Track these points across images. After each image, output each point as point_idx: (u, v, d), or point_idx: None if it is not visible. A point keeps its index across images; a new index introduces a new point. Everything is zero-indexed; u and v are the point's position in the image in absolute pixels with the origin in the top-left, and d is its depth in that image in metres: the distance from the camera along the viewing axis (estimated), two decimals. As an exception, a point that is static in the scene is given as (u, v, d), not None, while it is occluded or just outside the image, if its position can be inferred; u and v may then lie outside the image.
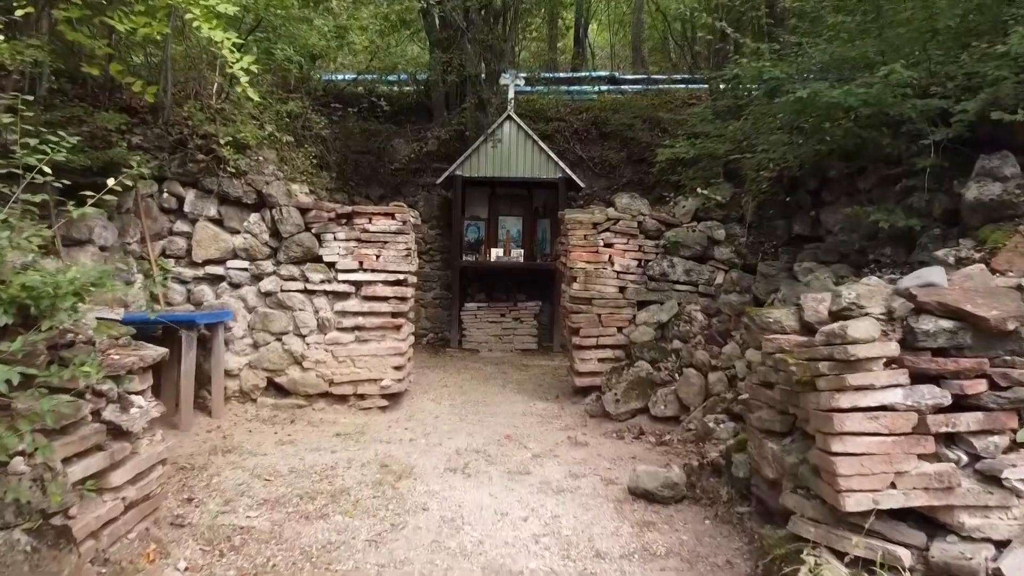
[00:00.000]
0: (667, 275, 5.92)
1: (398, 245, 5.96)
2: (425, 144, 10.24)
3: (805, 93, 4.48)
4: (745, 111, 7.01)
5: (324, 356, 5.91)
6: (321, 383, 5.90)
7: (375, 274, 5.94)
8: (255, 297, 5.96)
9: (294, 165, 7.43)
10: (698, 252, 5.96)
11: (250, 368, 5.93)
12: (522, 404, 6.32)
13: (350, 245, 5.93)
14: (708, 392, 5.16)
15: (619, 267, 5.97)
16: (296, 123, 8.14)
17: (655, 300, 5.94)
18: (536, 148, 9.66)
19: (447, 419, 5.81)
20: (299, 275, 5.93)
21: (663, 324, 5.78)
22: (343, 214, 5.97)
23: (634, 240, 6.01)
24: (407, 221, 6.01)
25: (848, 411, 2.56)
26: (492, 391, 6.87)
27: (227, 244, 5.92)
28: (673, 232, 5.95)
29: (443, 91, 10.52)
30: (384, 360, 5.93)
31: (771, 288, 5.51)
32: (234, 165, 5.83)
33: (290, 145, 7.73)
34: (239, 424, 5.55)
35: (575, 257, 5.96)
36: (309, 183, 7.42)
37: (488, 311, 9.92)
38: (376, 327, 5.94)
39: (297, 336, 5.93)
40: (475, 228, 10.38)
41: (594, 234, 5.97)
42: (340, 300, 5.96)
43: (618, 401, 5.48)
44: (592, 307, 5.94)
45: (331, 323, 5.92)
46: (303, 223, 5.91)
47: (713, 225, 5.99)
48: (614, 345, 5.95)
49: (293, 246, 5.88)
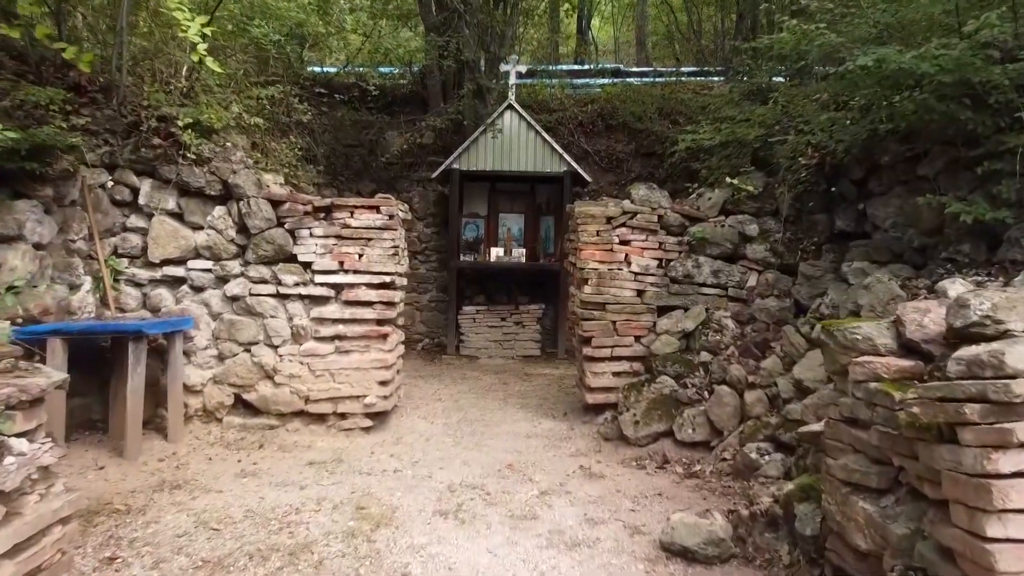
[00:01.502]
0: (692, 277, 5.08)
1: (384, 242, 5.12)
2: (420, 136, 9.39)
3: (870, 60, 3.65)
4: (775, 92, 6.18)
5: (299, 369, 5.07)
6: (296, 400, 5.06)
7: (357, 276, 5.11)
8: (220, 302, 5.12)
9: (275, 156, 6.62)
10: (727, 250, 5.12)
11: (215, 383, 5.10)
12: (526, 423, 5.48)
13: (329, 242, 5.10)
14: (745, 414, 4.32)
15: (637, 267, 5.13)
16: (277, 109, 7.32)
17: (678, 305, 5.10)
18: (539, 140, 8.82)
19: (440, 442, 4.96)
20: (270, 277, 5.09)
21: (688, 333, 4.94)
22: (321, 207, 5.13)
23: (654, 237, 5.17)
24: (394, 215, 5.18)
25: (1011, 477, 1.72)
26: (492, 406, 6.03)
27: (188, 241, 5.08)
28: (699, 228, 5.11)
29: (440, 79, 9.68)
30: (368, 374, 5.09)
31: (815, 292, 4.67)
32: (196, 151, 4.99)
33: (269, 133, 6.92)
34: (198, 449, 4.71)
35: (586, 256, 5.12)
36: (292, 176, 6.59)
37: (488, 315, 9.08)
38: (359, 336, 5.10)
39: (268, 346, 5.10)
40: (474, 226, 9.53)
41: (608, 230, 5.13)
42: (317, 305, 5.12)
43: (638, 423, 4.64)
44: (606, 313, 5.10)
45: (307, 332, 5.08)
46: (275, 217, 5.08)
47: (744, 220, 5.15)
48: (631, 357, 5.11)
49: (263, 244, 5.04)
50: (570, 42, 16.69)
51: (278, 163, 6.56)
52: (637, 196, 5.23)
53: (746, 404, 4.30)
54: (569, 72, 12.66)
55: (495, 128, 8.57)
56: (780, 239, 5.06)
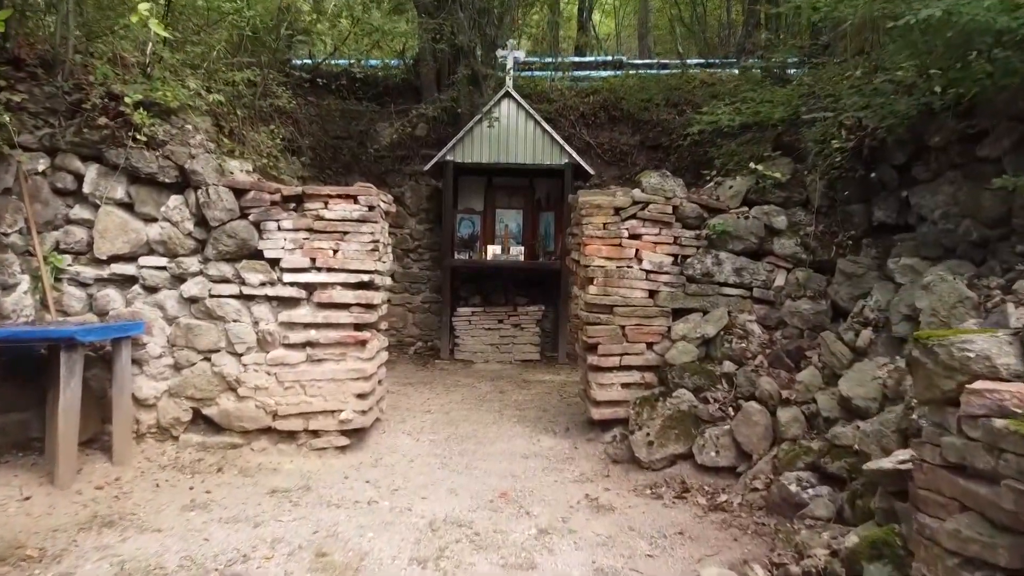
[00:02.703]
0: (711, 275, 4.41)
1: (362, 236, 4.45)
2: (412, 126, 8.71)
3: (937, 11, 2.98)
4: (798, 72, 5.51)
5: (266, 381, 4.39)
6: (262, 415, 4.39)
7: (332, 274, 4.43)
8: (176, 304, 4.45)
9: (253, 146, 5.97)
10: (752, 245, 4.44)
11: (170, 396, 4.42)
12: (524, 440, 4.80)
13: (299, 237, 4.42)
14: (778, 435, 3.65)
15: (648, 264, 4.46)
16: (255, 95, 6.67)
17: (696, 308, 4.42)
18: (539, 130, 8.14)
19: (425, 464, 4.29)
20: (233, 276, 4.42)
21: (708, 340, 4.26)
22: (290, 196, 4.46)
23: (668, 230, 4.49)
24: (375, 206, 4.50)
25: None
26: (486, 420, 5.35)
27: (139, 235, 4.41)
28: (720, 219, 4.43)
29: (434, 67, 9.00)
30: (344, 386, 4.42)
31: (857, 292, 3.99)
32: (148, 132, 4.32)
33: (249, 122, 6.28)
34: (147, 474, 4.04)
35: (592, 252, 4.45)
36: (271, 167, 5.93)
37: (484, 317, 8.41)
38: (333, 343, 4.43)
39: (231, 354, 4.42)
40: (469, 222, 8.86)
41: (616, 222, 4.46)
42: (286, 308, 4.45)
43: (651, 443, 3.97)
44: (614, 317, 4.43)
45: (275, 338, 4.40)
46: (238, 208, 4.40)
47: (771, 211, 4.47)
48: (643, 366, 4.44)
49: (224, 238, 4.36)
50: (570, 30, 16.03)
51: (256, 152, 5.91)
52: (648, 184, 4.56)
53: (779, 424, 3.62)
54: (570, 64, 12.02)
55: (492, 117, 7.89)
56: (812, 232, 4.38)
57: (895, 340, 3.44)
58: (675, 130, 8.96)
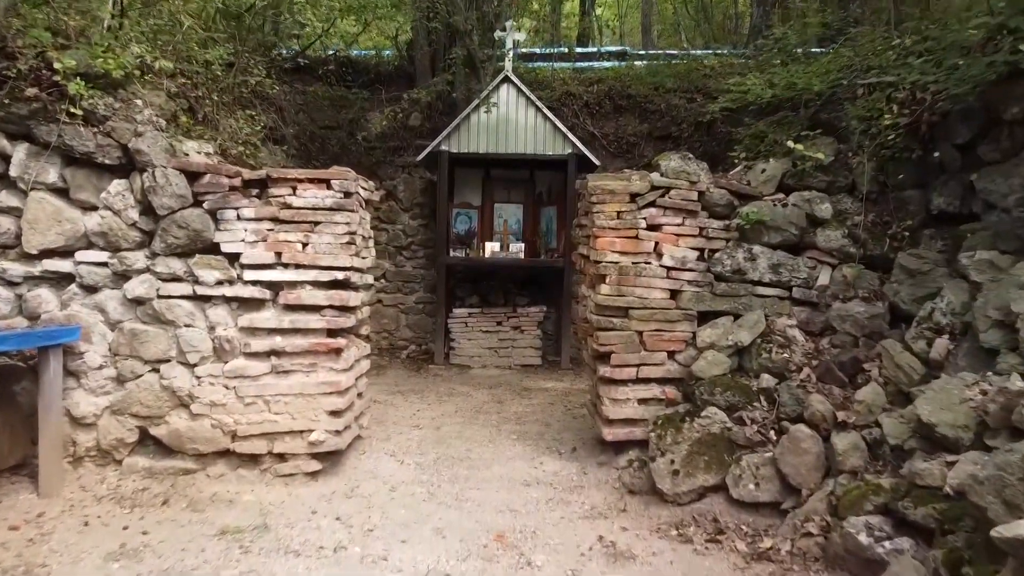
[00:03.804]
0: (743, 272, 3.72)
1: (336, 227, 3.76)
2: (403, 112, 8.00)
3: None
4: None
5: (223, 396, 3.71)
6: (219, 436, 3.71)
7: (301, 271, 3.75)
8: (119, 306, 3.76)
9: (229, 133, 5.29)
10: (791, 238, 3.75)
11: (113, 414, 3.74)
12: (524, 462, 4.11)
13: (262, 227, 3.74)
14: (833, 466, 2.96)
15: (670, 260, 3.77)
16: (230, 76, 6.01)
17: (726, 310, 3.73)
18: (540, 118, 7.45)
19: (409, 494, 3.60)
20: (185, 273, 3.73)
21: (742, 348, 3.57)
22: (253, 181, 3.77)
23: (692, 220, 3.80)
24: (351, 192, 3.81)
25: None
26: (481, 436, 4.66)
27: (76, 226, 3.72)
28: (753, 207, 3.74)
29: (428, 51, 8.32)
30: (314, 402, 3.73)
31: (923, 292, 3.30)
32: (87, 105, 3.64)
33: (226, 107, 5.60)
34: (78, 508, 3.35)
35: (604, 245, 3.76)
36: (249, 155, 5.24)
37: (481, 318, 7.71)
38: (303, 352, 3.74)
39: (183, 365, 3.73)
40: (466, 217, 8.17)
41: (633, 210, 3.77)
42: (248, 311, 3.76)
43: (677, 472, 3.28)
44: (629, 321, 3.74)
45: (234, 345, 3.72)
46: (190, 194, 3.71)
47: (813, 197, 3.78)
48: (664, 379, 3.75)
49: (174, 229, 3.68)
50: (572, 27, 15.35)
51: (231, 139, 5.22)
52: (669, 167, 3.87)
53: (835, 452, 2.93)
54: (572, 55, 11.35)
55: (490, 103, 7.20)
56: (861, 223, 3.69)
57: (983, 352, 2.76)
58: (685, 119, 8.30)
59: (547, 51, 10.95)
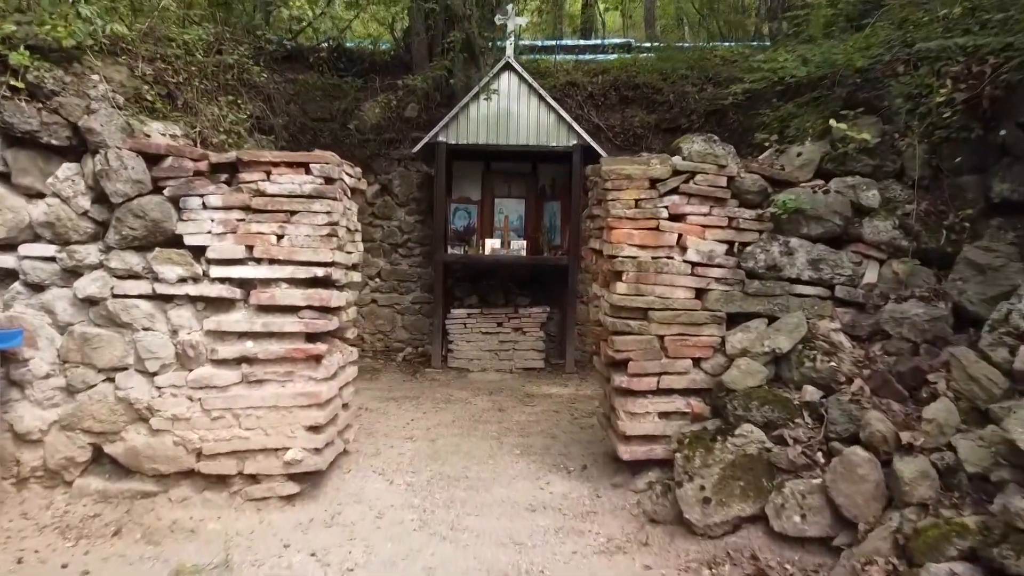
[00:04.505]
0: (779, 268, 3.24)
1: (315, 217, 3.27)
2: (398, 99, 7.51)
3: None
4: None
5: (187, 409, 3.22)
6: (182, 455, 3.22)
7: (275, 267, 3.26)
8: (69, 307, 3.28)
9: (211, 122, 4.82)
10: (834, 229, 3.26)
11: (62, 429, 3.25)
12: (529, 483, 3.62)
13: (231, 217, 3.25)
14: (897, 497, 2.48)
15: (696, 254, 3.28)
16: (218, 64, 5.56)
17: (759, 312, 3.25)
18: (544, 107, 6.96)
19: (397, 522, 3.11)
20: (143, 269, 3.25)
21: (781, 355, 3.09)
22: (221, 164, 3.29)
23: (720, 208, 3.31)
24: (333, 178, 3.33)
25: None
26: (481, 451, 4.17)
27: (19, 215, 3.23)
28: (790, 195, 3.25)
29: (425, 39, 7.83)
30: (291, 416, 3.24)
31: (995, 291, 2.81)
32: (32, 78, 3.16)
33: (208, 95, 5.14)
34: (13, 541, 2.87)
35: (620, 238, 3.27)
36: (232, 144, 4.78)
37: (481, 319, 7.22)
38: (278, 358, 3.26)
39: (141, 374, 3.25)
40: (464, 213, 7.67)
41: (653, 198, 3.28)
42: (215, 312, 3.28)
43: (707, 500, 2.79)
44: (649, 324, 3.26)
45: (199, 352, 3.23)
46: (149, 179, 3.23)
47: (858, 184, 3.29)
48: (688, 390, 3.27)
49: (130, 219, 3.19)
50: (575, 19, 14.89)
51: (213, 128, 4.75)
52: (692, 150, 3.38)
53: (901, 480, 2.45)
54: (574, 47, 10.90)
55: (490, 90, 6.71)
56: (914, 212, 3.21)
57: (1084, 362, 2.27)
58: (695, 110, 7.82)
59: (549, 43, 10.52)
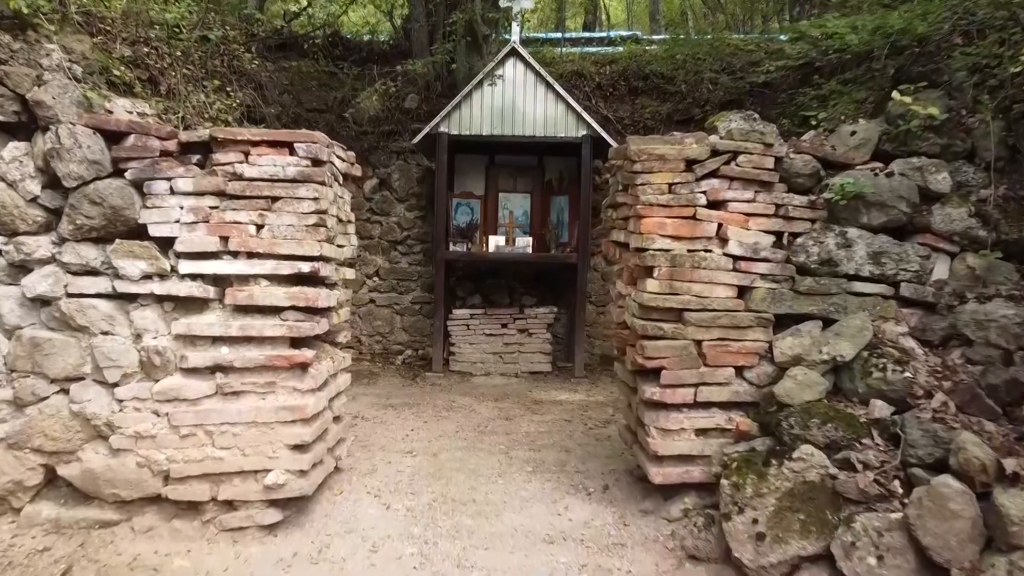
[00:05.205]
0: (835, 263, 2.78)
1: (300, 204, 2.82)
2: (396, 85, 7.05)
3: None
4: None
5: (153, 425, 2.77)
6: (147, 478, 2.76)
7: (254, 261, 2.80)
8: (17, 307, 2.82)
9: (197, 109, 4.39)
10: (899, 218, 2.81)
11: (8, 448, 2.79)
12: (544, 506, 3.16)
13: (203, 204, 2.79)
14: (1000, 537, 2.02)
15: (737, 247, 2.83)
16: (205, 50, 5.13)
17: (811, 313, 2.80)
18: (551, 96, 6.51)
19: (395, 556, 2.65)
20: (102, 264, 2.79)
21: (842, 364, 2.63)
22: (192, 144, 2.83)
23: (767, 194, 2.86)
24: (321, 160, 2.87)
25: None
26: (489, 468, 3.71)
27: (-42, 202, 2.78)
28: (848, 178, 2.80)
29: (426, 26, 7.37)
30: (272, 433, 2.79)
31: (1101, 289, 2.37)
32: (-28, 44, 2.70)
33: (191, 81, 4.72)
34: (-58, 582, 2.41)
35: (651, 227, 2.81)
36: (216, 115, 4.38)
37: (485, 320, 6.77)
38: (257, 367, 2.80)
39: (100, 385, 2.79)
40: (467, 208, 7.22)
41: (689, 182, 2.83)
42: (185, 314, 2.82)
43: (762, 536, 2.34)
44: (685, 327, 2.80)
45: (167, 359, 2.78)
46: (108, 160, 2.77)
47: (926, 165, 2.84)
48: (731, 403, 2.81)
49: (86, 205, 2.73)
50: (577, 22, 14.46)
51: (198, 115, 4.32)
52: (732, 129, 2.92)
53: (1005, 518, 2.00)
54: (579, 40, 10.47)
55: (495, 75, 6.26)
56: (991, 197, 2.75)
57: None
58: (709, 100, 7.37)
59: (553, 36, 10.10)
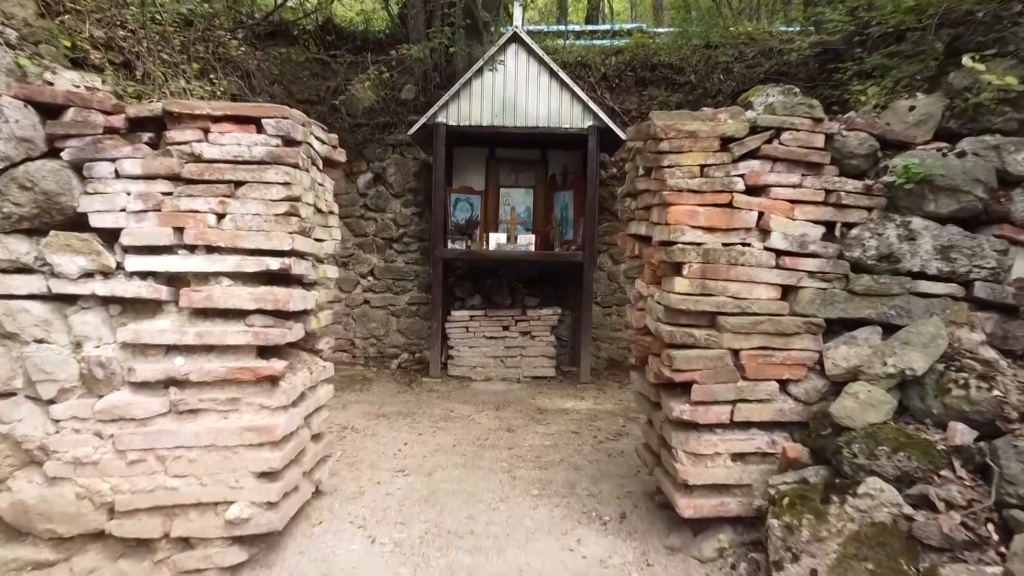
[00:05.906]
0: (896, 258, 2.35)
1: (268, 190, 2.38)
2: (390, 72, 6.62)
3: None
4: None
5: (95, 449, 2.33)
6: (89, 512, 2.33)
7: (214, 257, 2.36)
8: (-65, 311, 2.38)
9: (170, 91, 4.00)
10: (973, 205, 2.37)
11: (-74, 476, 2.35)
12: (553, 540, 2.72)
13: (155, 190, 2.35)
14: None
15: (781, 240, 2.39)
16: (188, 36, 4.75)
17: (867, 318, 2.36)
18: (555, 84, 6.07)
19: (378, 607, 2.22)
20: (34, 260, 2.35)
21: (910, 380, 2.19)
22: (142, 119, 2.39)
23: (816, 178, 2.42)
24: (295, 140, 2.43)
25: None
26: (489, 491, 3.27)
27: None
28: (913, 159, 2.35)
29: (423, 12, 6.93)
30: (236, 459, 2.35)
31: None
32: None
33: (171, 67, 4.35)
34: None
35: (679, 217, 2.37)
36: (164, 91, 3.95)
37: (485, 322, 6.33)
38: (218, 380, 2.35)
39: (32, 402, 2.35)
40: (466, 204, 6.78)
41: (724, 164, 2.39)
42: (134, 318, 2.38)
43: (821, 590, 1.89)
44: (719, 333, 2.36)
45: (112, 371, 2.33)
46: (42, 138, 2.33)
47: (1003, 144, 2.40)
48: (772, 423, 2.37)
49: (14, 191, 2.29)
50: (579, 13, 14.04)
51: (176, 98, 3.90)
52: (774, 103, 2.48)
53: None
54: (581, 33, 10.05)
55: (496, 61, 5.82)
56: (1080, 182, 2.32)
57: None
58: (721, 90, 6.95)
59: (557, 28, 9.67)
